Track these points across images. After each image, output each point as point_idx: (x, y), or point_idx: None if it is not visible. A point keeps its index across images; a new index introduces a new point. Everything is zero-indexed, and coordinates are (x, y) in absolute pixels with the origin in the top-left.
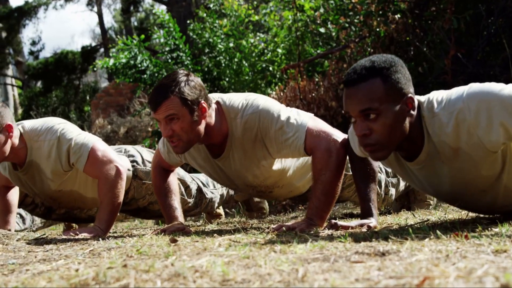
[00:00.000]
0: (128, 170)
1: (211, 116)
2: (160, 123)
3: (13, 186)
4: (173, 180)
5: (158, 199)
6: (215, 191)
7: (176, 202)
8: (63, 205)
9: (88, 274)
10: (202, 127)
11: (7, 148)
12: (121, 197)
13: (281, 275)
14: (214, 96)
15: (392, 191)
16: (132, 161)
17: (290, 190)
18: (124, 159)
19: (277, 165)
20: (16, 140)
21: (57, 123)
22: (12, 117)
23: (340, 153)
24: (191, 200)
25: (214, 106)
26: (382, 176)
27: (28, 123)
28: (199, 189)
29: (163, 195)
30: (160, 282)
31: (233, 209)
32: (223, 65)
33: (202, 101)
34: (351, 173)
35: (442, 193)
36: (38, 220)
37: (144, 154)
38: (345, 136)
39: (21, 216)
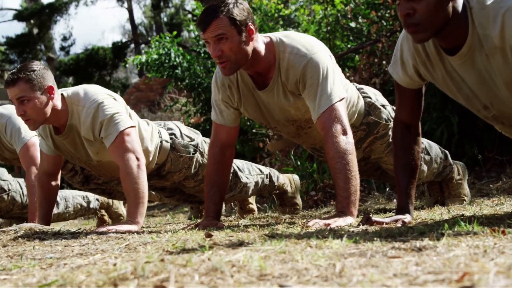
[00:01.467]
0: (166, 142)
1: (258, 41)
2: (208, 45)
3: (54, 175)
4: (226, 172)
5: (205, 186)
6: (250, 177)
7: (218, 196)
8: (103, 174)
9: (126, 268)
10: (250, 48)
11: (48, 109)
12: (145, 187)
13: (319, 270)
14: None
15: (424, 167)
16: (170, 134)
17: None
18: (163, 132)
19: None
20: (57, 103)
21: (100, 93)
22: (54, 80)
23: (348, 144)
24: None
25: (262, 38)
26: None
27: (73, 88)
28: (234, 173)
29: (209, 184)
30: (198, 276)
31: (265, 204)
32: None
33: (250, 23)
34: (383, 122)
35: (479, 95)
36: (71, 207)
37: (183, 129)
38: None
39: None
